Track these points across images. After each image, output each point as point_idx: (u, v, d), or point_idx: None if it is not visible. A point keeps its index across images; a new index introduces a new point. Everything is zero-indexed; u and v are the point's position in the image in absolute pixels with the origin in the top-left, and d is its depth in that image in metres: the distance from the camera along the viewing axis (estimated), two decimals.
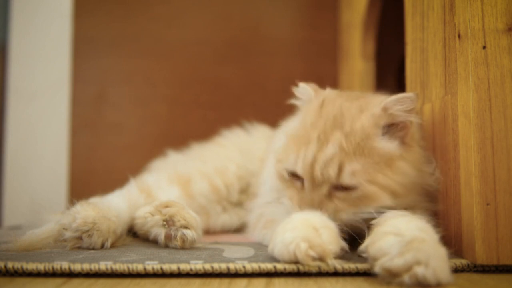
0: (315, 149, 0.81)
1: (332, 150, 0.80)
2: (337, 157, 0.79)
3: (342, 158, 0.79)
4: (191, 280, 0.69)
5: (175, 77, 1.80)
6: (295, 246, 0.68)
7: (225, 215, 1.18)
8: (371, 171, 0.79)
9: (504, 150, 0.76)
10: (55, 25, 1.78)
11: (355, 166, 0.78)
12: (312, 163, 0.80)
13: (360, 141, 0.80)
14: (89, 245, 0.83)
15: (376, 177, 0.79)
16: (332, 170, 0.79)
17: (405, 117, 0.82)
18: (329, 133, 0.82)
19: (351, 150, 0.79)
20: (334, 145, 0.80)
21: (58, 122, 1.76)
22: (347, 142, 0.80)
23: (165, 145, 1.42)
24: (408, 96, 0.81)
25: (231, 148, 1.27)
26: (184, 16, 1.81)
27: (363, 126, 0.81)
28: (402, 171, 0.81)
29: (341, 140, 0.80)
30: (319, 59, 1.84)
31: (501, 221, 0.75)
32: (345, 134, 0.81)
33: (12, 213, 1.70)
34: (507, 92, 0.77)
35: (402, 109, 0.81)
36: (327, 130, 0.82)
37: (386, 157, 0.80)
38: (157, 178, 1.12)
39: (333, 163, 0.79)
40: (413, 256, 0.61)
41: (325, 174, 0.79)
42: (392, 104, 0.81)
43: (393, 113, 0.82)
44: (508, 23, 0.78)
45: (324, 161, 0.79)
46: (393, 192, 0.80)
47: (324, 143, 0.81)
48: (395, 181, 0.80)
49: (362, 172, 0.78)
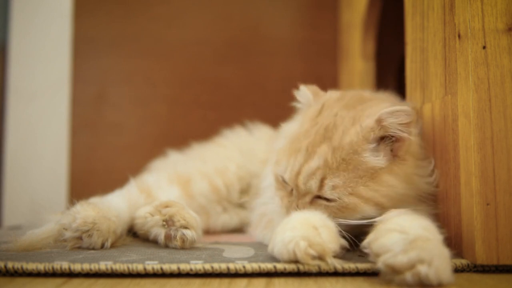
0: (302, 160, 0.83)
1: (317, 163, 0.81)
2: (320, 171, 0.80)
3: (325, 172, 0.80)
4: (191, 280, 0.69)
5: (175, 77, 1.80)
6: (294, 245, 0.68)
7: (225, 215, 1.18)
8: (353, 185, 0.79)
9: (504, 150, 0.76)
10: (55, 25, 1.78)
11: (336, 181, 0.79)
12: (297, 174, 0.82)
13: (346, 156, 0.80)
14: (89, 245, 0.83)
15: (358, 190, 0.79)
16: (314, 183, 0.80)
17: (399, 131, 0.79)
18: (317, 146, 0.82)
19: (335, 165, 0.80)
20: (319, 159, 0.81)
21: (58, 122, 1.76)
22: (332, 156, 0.80)
23: (165, 145, 1.42)
24: (403, 110, 0.78)
25: (231, 148, 1.27)
26: (184, 16, 1.81)
27: (352, 141, 0.80)
28: (388, 184, 0.80)
29: (326, 154, 0.81)
30: (319, 59, 1.84)
31: (501, 221, 0.75)
32: (332, 148, 0.81)
33: (12, 213, 1.70)
34: (507, 92, 0.77)
35: (396, 123, 0.79)
36: (316, 142, 0.83)
37: (371, 170, 0.80)
38: (157, 178, 1.12)
39: (316, 176, 0.80)
40: (417, 255, 0.61)
41: (307, 186, 0.81)
42: (386, 117, 0.79)
43: (386, 126, 0.79)
44: (508, 23, 0.78)
45: (308, 173, 0.81)
46: (377, 203, 0.79)
47: (311, 155, 0.82)
48: (379, 193, 0.79)
49: (343, 187, 0.79)
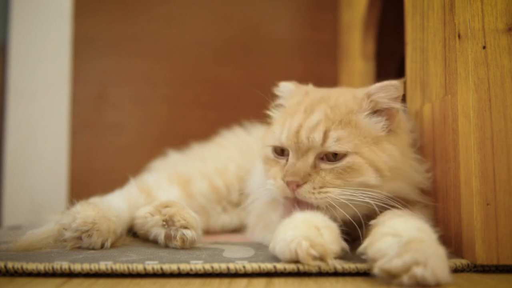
0: (301, 118, 0.83)
1: (318, 117, 0.81)
2: (322, 123, 0.80)
3: (328, 125, 0.80)
4: (191, 280, 0.69)
5: (175, 77, 1.80)
6: (296, 245, 0.68)
7: (225, 215, 1.18)
8: (357, 142, 0.79)
9: (504, 150, 0.76)
10: (55, 25, 1.78)
11: (341, 133, 0.79)
12: (297, 130, 0.81)
13: (345, 114, 0.82)
14: (89, 245, 0.83)
15: (362, 149, 0.79)
16: (317, 135, 0.79)
17: (390, 104, 0.83)
18: (315, 105, 0.84)
19: (337, 119, 0.81)
20: (320, 113, 0.82)
21: (58, 122, 1.76)
22: (332, 112, 0.82)
23: (165, 145, 1.42)
24: (392, 84, 0.82)
25: (231, 148, 1.27)
26: (184, 16, 1.81)
27: (347, 102, 0.83)
28: (388, 152, 0.81)
29: (326, 110, 0.82)
30: (319, 59, 1.84)
31: (501, 221, 0.75)
32: (331, 107, 0.82)
33: (12, 213, 1.70)
34: (507, 92, 0.77)
35: (387, 96, 0.83)
36: (313, 104, 0.84)
37: (372, 135, 0.81)
38: (157, 178, 1.12)
39: (319, 128, 0.80)
40: (412, 257, 0.61)
41: (310, 139, 0.80)
42: (375, 91, 0.83)
43: (376, 100, 0.83)
44: (508, 23, 0.78)
45: (310, 126, 0.81)
46: (378, 169, 0.79)
47: (310, 113, 0.83)
48: (381, 159, 0.80)
49: (348, 140, 0.79)
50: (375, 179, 0.79)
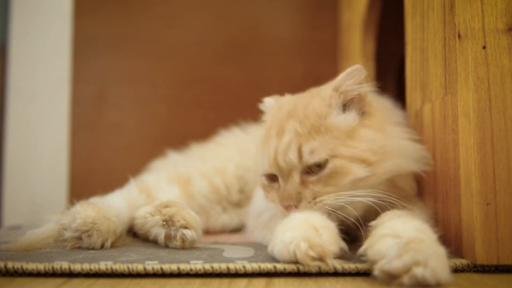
0: (275, 143, 0.84)
1: (288, 137, 0.82)
2: (293, 141, 0.81)
3: (299, 141, 0.81)
4: (191, 280, 0.69)
5: (175, 77, 1.80)
6: (295, 246, 0.68)
7: (225, 215, 1.18)
8: (332, 146, 0.80)
9: (504, 150, 0.76)
10: (55, 25, 1.78)
11: (313, 144, 0.80)
12: (274, 156, 0.83)
13: (314, 122, 0.82)
14: (89, 245, 0.83)
15: (338, 150, 0.80)
16: (292, 154, 0.81)
17: (358, 89, 0.84)
18: (284, 124, 0.85)
19: (306, 132, 0.81)
20: (289, 132, 0.82)
21: (58, 122, 1.76)
22: (301, 126, 0.82)
23: (165, 145, 1.42)
24: (355, 69, 0.83)
25: (230, 148, 1.27)
26: (184, 16, 1.81)
27: (315, 108, 0.83)
28: (366, 138, 0.82)
29: (295, 127, 0.83)
30: (319, 59, 1.84)
31: (501, 221, 0.75)
32: (299, 121, 0.83)
33: (12, 213, 1.70)
34: (507, 92, 0.77)
35: (353, 83, 0.84)
36: (282, 123, 0.85)
37: (346, 129, 0.82)
38: (157, 178, 1.12)
39: (291, 148, 0.81)
40: (412, 257, 0.61)
41: (287, 161, 0.81)
42: (342, 82, 0.84)
43: (345, 90, 0.84)
44: (508, 23, 0.78)
45: (284, 149, 0.82)
46: (363, 160, 0.80)
47: (281, 135, 0.84)
48: (361, 149, 0.80)
49: (321, 148, 0.79)
50: (363, 171, 0.79)
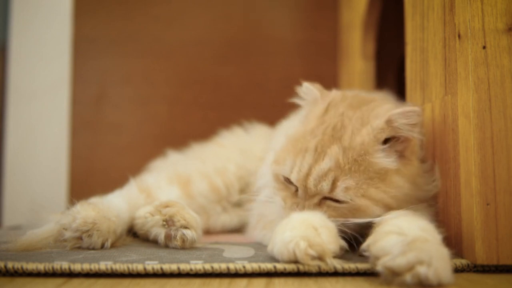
0: (311, 160, 0.80)
1: (328, 164, 0.79)
2: (332, 172, 0.79)
3: (337, 174, 0.78)
4: (191, 280, 0.69)
5: (175, 77, 1.80)
6: (294, 245, 0.68)
7: (225, 215, 1.18)
8: (365, 187, 0.78)
9: (504, 150, 0.76)
10: (55, 25, 1.78)
11: (349, 182, 0.78)
12: (306, 175, 0.80)
13: (358, 157, 0.79)
14: (89, 245, 0.83)
15: (368, 192, 0.78)
16: (326, 184, 0.79)
17: (408, 131, 0.80)
18: (326, 146, 0.81)
19: (347, 167, 0.79)
20: (330, 160, 0.79)
21: (58, 122, 1.76)
22: (344, 157, 0.79)
23: (165, 145, 1.42)
24: (414, 111, 0.78)
25: (231, 148, 1.27)
26: (184, 16, 1.81)
27: (363, 142, 0.80)
28: (396, 185, 0.80)
29: (338, 155, 0.79)
30: (319, 59, 1.84)
31: (501, 221, 0.75)
32: (343, 149, 0.80)
33: (12, 213, 1.70)
34: (507, 92, 0.77)
35: (407, 123, 0.79)
36: (325, 142, 0.81)
37: (381, 171, 0.80)
38: (157, 178, 1.12)
39: (328, 178, 0.79)
40: (416, 256, 0.61)
41: (318, 188, 0.79)
42: (397, 118, 0.79)
43: (396, 127, 0.80)
44: (508, 23, 0.78)
45: (319, 175, 0.79)
46: (386, 205, 0.79)
47: (321, 155, 0.80)
48: (388, 195, 0.79)
49: (356, 189, 0.78)
50: (380, 212, 0.78)
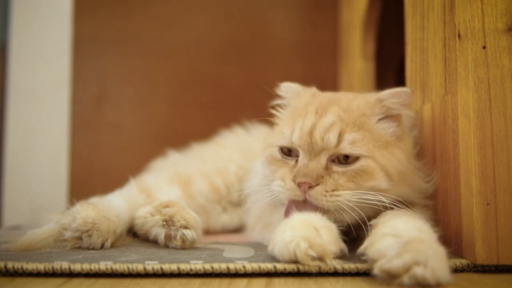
0: (314, 119, 0.82)
1: (332, 118, 0.81)
2: (337, 125, 0.80)
3: (343, 126, 0.80)
4: (191, 280, 0.69)
5: (175, 77, 1.80)
6: (295, 245, 0.68)
7: (225, 215, 1.18)
8: (371, 146, 0.79)
9: (504, 150, 0.76)
10: (55, 25, 1.78)
11: (356, 135, 0.79)
12: (311, 130, 0.80)
13: (358, 117, 0.81)
14: (89, 245, 0.83)
15: (374, 153, 0.79)
16: (332, 135, 0.79)
17: (400, 110, 0.84)
18: (326, 107, 0.83)
19: (351, 122, 0.81)
20: (333, 115, 0.81)
21: (58, 122, 1.76)
22: (346, 115, 0.81)
23: (165, 145, 1.42)
24: (404, 91, 0.83)
25: (231, 148, 1.27)
26: (184, 16, 1.81)
27: (359, 106, 0.83)
28: (397, 157, 0.82)
29: (339, 112, 0.81)
30: (319, 59, 1.84)
31: (501, 221, 0.75)
32: (343, 109, 0.82)
33: (12, 213, 1.70)
34: (507, 92, 0.77)
35: (397, 102, 0.83)
36: (324, 105, 0.84)
37: (383, 139, 0.82)
38: (157, 178, 1.12)
39: (334, 130, 0.79)
40: (412, 257, 0.61)
41: (325, 140, 0.79)
42: (388, 97, 0.84)
43: (387, 105, 0.83)
44: (508, 23, 0.78)
45: (324, 127, 0.80)
46: (389, 173, 0.80)
47: (323, 114, 0.82)
48: (391, 163, 0.80)
49: (362, 144, 0.79)
50: (385, 183, 0.79)
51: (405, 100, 0.83)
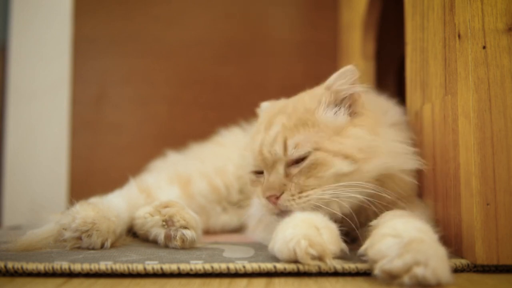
0: (262, 136, 0.85)
1: (276, 130, 0.84)
2: (280, 134, 0.83)
3: (286, 134, 0.82)
4: (191, 280, 0.69)
5: (175, 77, 1.80)
6: (295, 243, 0.68)
7: (225, 215, 1.18)
8: (316, 139, 0.81)
9: (504, 150, 0.76)
10: (55, 25, 1.78)
11: (298, 137, 0.81)
12: (260, 148, 0.84)
13: (302, 116, 0.84)
14: (89, 245, 0.83)
15: (322, 144, 0.81)
16: (277, 146, 0.82)
17: (350, 89, 0.85)
18: (273, 119, 0.86)
19: (293, 125, 0.83)
20: (277, 126, 0.84)
21: (58, 122, 1.76)
22: (289, 120, 0.84)
23: (165, 145, 1.42)
24: (347, 69, 0.85)
25: (231, 148, 1.27)
26: (184, 16, 1.81)
27: (305, 104, 0.86)
28: (355, 136, 0.83)
29: (283, 121, 0.84)
30: (319, 59, 1.84)
31: (501, 221, 0.75)
32: (288, 115, 0.85)
33: (12, 213, 1.70)
34: (507, 92, 0.77)
35: (345, 83, 0.85)
36: (271, 118, 0.87)
37: (334, 126, 0.83)
38: (157, 178, 1.12)
39: (278, 141, 0.82)
40: (412, 257, 0.61)
41: (272, 152, 0.82)
42: (334, 81, 0.86)
43: (337, 89, 0.86)
44: (508, 23, 0.78)
45: (270, 141, 0.83)
46: (347, 156, 0.80)
47: (269, 128, 0.85)
48: (345, 145, 0.81)
49: (306, 141, 0.81)
50: (347, 166, 0.80)
51: (351, 78, 0.85)
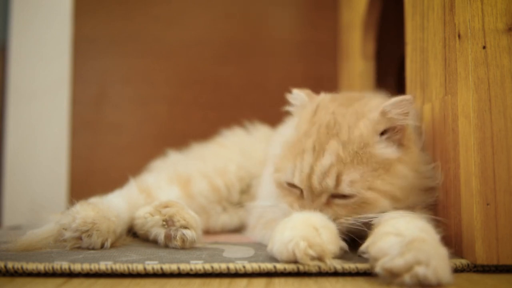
0: (311, 159, 0.80)
1: (329, 160, 0.79)
2: (334, 167, 0.79)
3: (340, 168, 0.78)
4: (191, 280, 0.69)
5: (175, 77, 1.80)
6: (294, 245, 0.68)
7: (225, 215, 1.18)
8: (370, 179, 0.78)
9: (504, 150, 0.76)
10: (55, 25, 1.78)
11: (354, 175, 0.78)
12: (309, 175, 0.80)
13: (358, 150, 0.79)
14: (89, 245, 0.83)
15: (374, 184, 0.78)
16: (330, 180, 0.78)
17: (403, 120, 0.82)
18: (324, 142, 0.81)
19: (349, 159, 0.79)
20: (331, 155, 0.79)
21: (58, 122, 1.76)
22: (344, 151, 0.79)
23: (165, 145, 1.42)
24: (406, 99, 0.81)
25: (231, 148, 1.27)
26: (184, 16, 1.81)
27: (362, 134, 0.80)
28: (401, 175, 0.81)
29: (338, 150, 0.79)
30: (319, 60, 1.84)
31: (501, 221, 0.75)
32: (342, 143, 0.80)
33: (12, 213, 1.70)
34: (507, 92, 0.77)
35: (400, 113, 0.81)
36: (322, 139, 0.81)
37: (385, 162, 0.80)
38: (157, 178, 1.11)
39: (331, 173, 0.78)
40: (414, 256, 0.61)
41: (323, 185, 0.79)
42: (391, 108, 0.81)
43: (392, 117, 0.81)
44: (508, 23, 0.78)
45: (322, 172, 0.79)
46: (393, 196, 0.79)
47: (320, 153, 0.80)
48: (394, 186, 0.80)
49: (361, 181, 0.78)
50: (389, 206, 0.79)
51: (407, 109, 0.81)
